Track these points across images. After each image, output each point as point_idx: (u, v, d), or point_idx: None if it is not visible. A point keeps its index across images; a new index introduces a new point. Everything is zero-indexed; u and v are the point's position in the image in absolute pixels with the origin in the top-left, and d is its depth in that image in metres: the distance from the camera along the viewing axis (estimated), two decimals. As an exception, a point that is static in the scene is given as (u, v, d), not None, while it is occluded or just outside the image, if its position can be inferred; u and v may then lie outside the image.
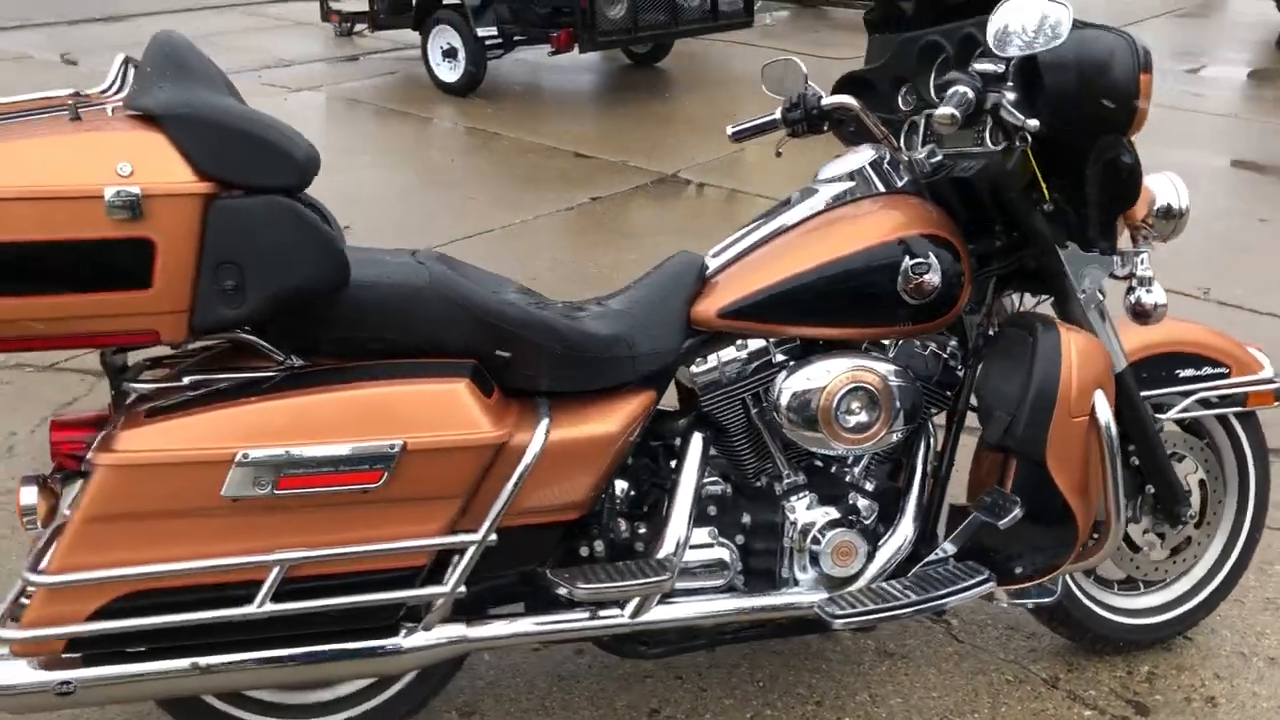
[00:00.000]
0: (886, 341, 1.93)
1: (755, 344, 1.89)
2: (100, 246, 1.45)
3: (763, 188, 5.13)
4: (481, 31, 6.64)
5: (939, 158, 1.97)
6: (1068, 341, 1.80)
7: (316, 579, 1.61)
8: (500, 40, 6.74)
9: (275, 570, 1.57)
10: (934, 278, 1.83)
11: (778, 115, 2.23)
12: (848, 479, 1.95)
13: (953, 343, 1.98)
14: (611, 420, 1.78)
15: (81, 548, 1.53)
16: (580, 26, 6.39)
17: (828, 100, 2.16)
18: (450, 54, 6.87)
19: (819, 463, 1.96)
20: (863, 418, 1.83)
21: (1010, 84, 1.74)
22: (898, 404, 1.84)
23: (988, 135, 1.85)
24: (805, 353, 1.90)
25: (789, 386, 1.83)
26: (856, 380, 1.82)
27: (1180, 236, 1.97)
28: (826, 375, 1.82)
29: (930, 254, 1.83)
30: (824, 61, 8.76)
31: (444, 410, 1.60)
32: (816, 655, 2.21)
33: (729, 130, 2.33)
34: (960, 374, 1.97)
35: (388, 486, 1.58)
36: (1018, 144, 1.71)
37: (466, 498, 1.65)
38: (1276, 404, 2.14)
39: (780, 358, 1.90)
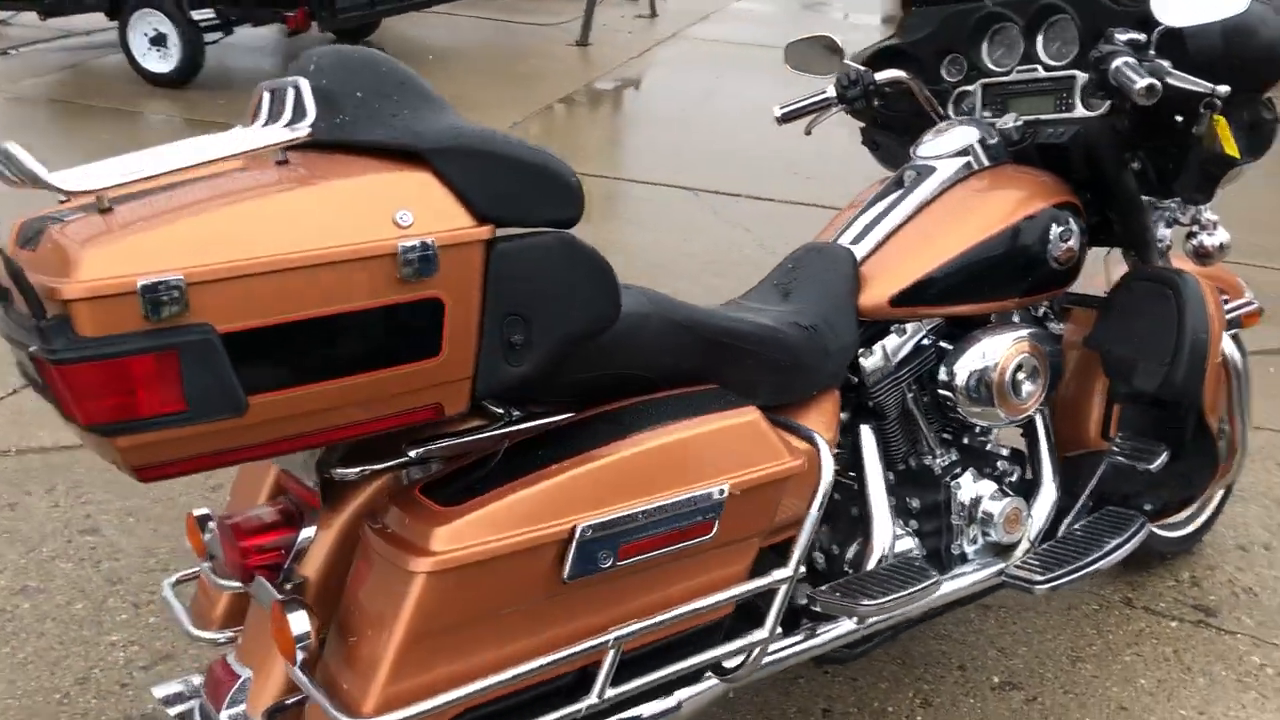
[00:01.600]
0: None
1: (912, 328, 1.88)
2: (391, 313, 1.20)
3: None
4: (195, 14, 5.99)
5: (1019, 123, 2.02)
6: (1205, 290, 1.93)
7: (643, 650, 1.44)
8: (218, 22, 6.11)
9: (612, 651, 1.39)
10: (1075, 243, 1.91)
11: (831, 93, 2.21)
12: (989, 448, 1.99)
13: (1044, 305, 2.08)
14: (827, 427, 1.71)
15: (404, 676, 1.28)
16: (317, 4, 5.92)
17: (882, 76, 2.17)
18: (158, 41, 6.14)
19: (964, 438, 1.99)
20: (1029, 386, 1.87)
21: (1153, 51, 1.82)
22: (1050, 368, 1.91)
23: (1078, 100, 1.95)
24: (951, 330, 1.92)
25: (964, 366, 1.84)
26: (1022, 351, 1.86)
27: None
28: (998, 350, 1.85)
29: (1070, 220, 1.90)
30: (521, 27, 8.72)
31: (751, 444, 1.47)
32: (929, 625, 2.25)
33: (777, 111, 2.29)
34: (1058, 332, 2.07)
35: (716, 535, 1.44)
36: (1203, 110, 1.79)
37: (765, 534, 1.53)
38: (1258, 322, 2.42)
39: (930, 339, 1.90)
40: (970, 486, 1.93)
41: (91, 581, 2.35)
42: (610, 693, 1.39)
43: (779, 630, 1.58)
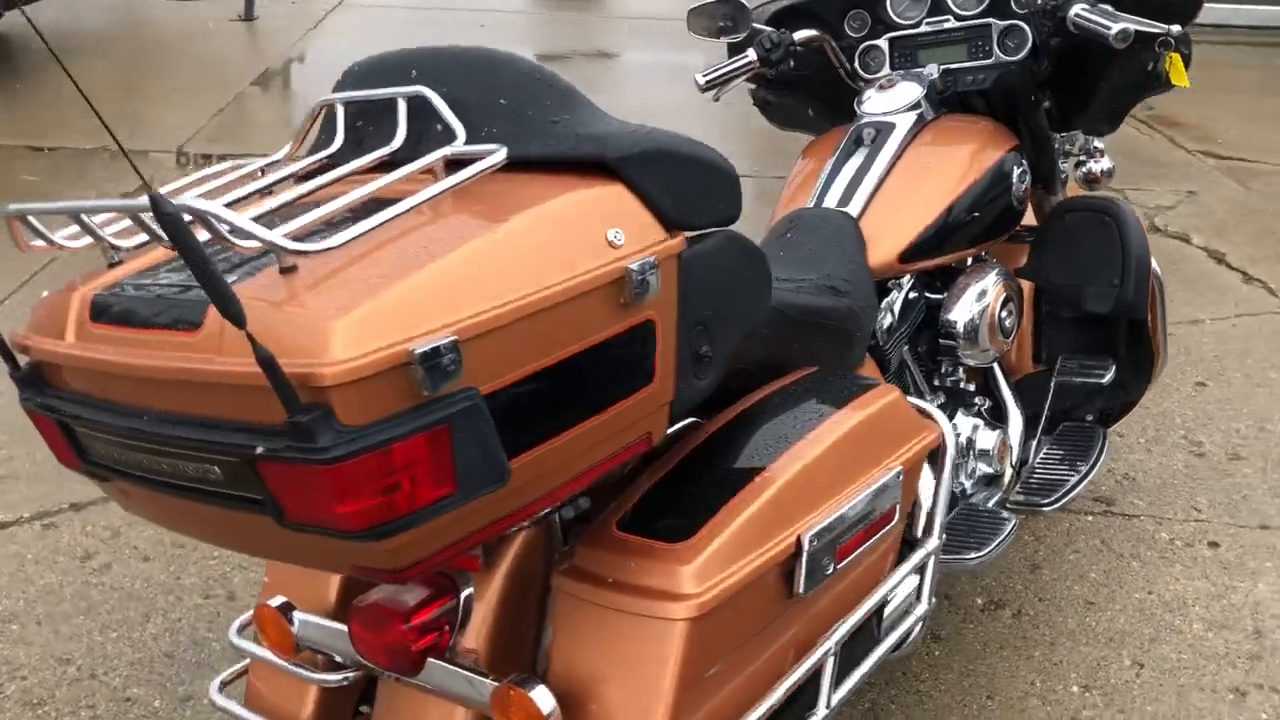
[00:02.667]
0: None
1: (906, 282, 1.93)
2: (618, 343, 1.11)
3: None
4: None
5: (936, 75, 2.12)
6: (1136, 212, 2.11)
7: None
8: None
9: (833, 658, 1.34)
10: (1028, 182, 2.03)
11: (753, 56, 2.20)
12: (963, 386, 2.10)
13: None
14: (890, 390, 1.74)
15: None
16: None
17: (800, 36, 2.19)
18: None
19: (947, 381, 2.07)
20: (1010, 321, 1.99)
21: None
22: (1022, 302, 2.04)
23: (996, 46, 2.07)
24: (928, 281, 1.99)
25: (963, 311, 1.93)
26: (1003, 290, 1.97)
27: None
28: (988, 292, 1.94)
29: (1023, 161, 2.02)
30: (171, 3, 7.94)
31: (902, 422, 1.46)
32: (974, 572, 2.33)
33: (699, 80, 2.24)
34: None
35: (897, 519, 1.41)
36: (1159, 49, 1.93)
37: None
38: None
39: (916, 292, 1.97)
40: (964, 425, 2.02)
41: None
42: (836, 697, 1.34)
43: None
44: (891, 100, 2.06)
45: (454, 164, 1.08)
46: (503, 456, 1.00)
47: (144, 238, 1.06)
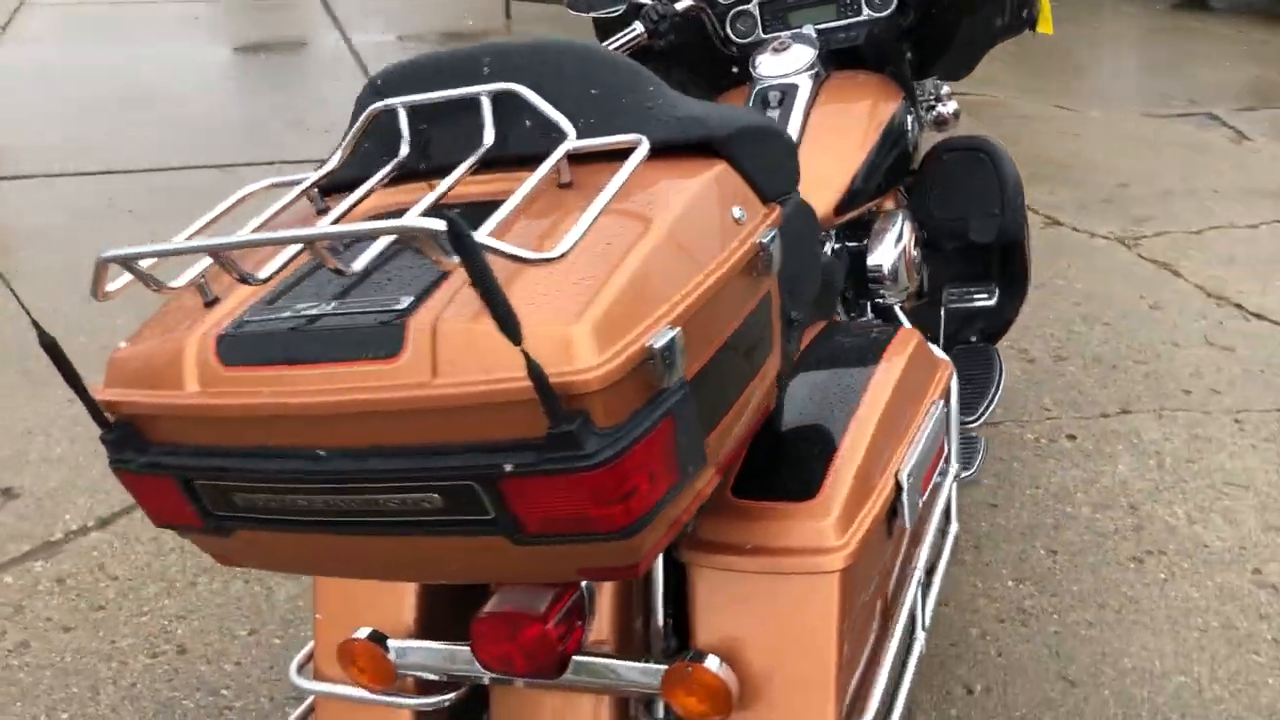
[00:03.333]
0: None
1: (833, 233, 2.06)
2: (756, 317, 1.16)
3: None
4: None
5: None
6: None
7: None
8: None
9: (922, 587, 1.44)
10: (920, 130, 2.21)
11: (641, 30, 2.26)
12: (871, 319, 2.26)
13: None
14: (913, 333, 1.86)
15: (843, 684, 1.24)
16: None
17: (681, 4, 2.27)
18: None
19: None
20: (918, 258, 2.17)
21: None
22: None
23: (865, 4, 2.23)
24: (842, 231, 2.14)
25: (886, 254, 2.07)
26: (912, 228, 2.14)
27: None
28: (903, 235, 2.10)
29: (912, 110, 2.19)
30: None
31: (926, 362, 1.57)
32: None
33: None
34: None
35: (946, 451, 1.53)
36: None
37: None
38: None
39: (837, 242, 2.11)
40: None
41: None
42: (929, 620, 1.45)
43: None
44: (788, 63, 2.16)
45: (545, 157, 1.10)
46: (703, 439, 1.03)
47: (190, 274, 1.02)
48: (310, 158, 4.86)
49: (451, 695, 1.37)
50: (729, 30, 2.31)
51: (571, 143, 1.09)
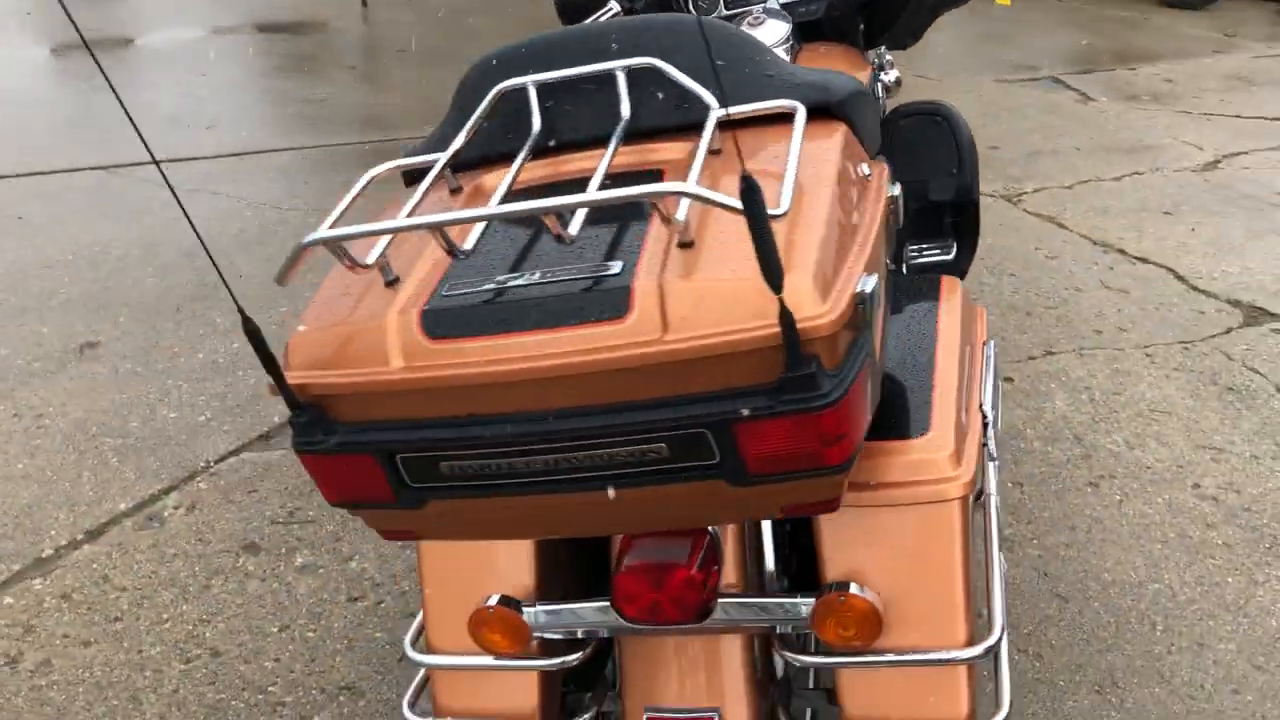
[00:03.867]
0: None
1: None
2: (887, 272, 1.28)
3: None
4: None
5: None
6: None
7: None
8: None
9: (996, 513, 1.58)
10: (886, 97, 2.36)
11: (617, 8, 2.33)
12: None
13: None
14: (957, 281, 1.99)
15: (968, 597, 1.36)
16: None
17: None
18: None
19: None
20: (899, 219, 2.32)
21: None
22: None
23: None
24: None
25: None
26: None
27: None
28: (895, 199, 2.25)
29: (879, 79, 2.33)
30: None
31: (969, 306, 1.71)
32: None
33: None
34: None
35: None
36: None
37: None
38: None
39: None
40: None
41: None
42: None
43: None
44: (764, 37, 2.26)
45: (684, 128, 1.18)
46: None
47: (375, 254, 1.06)
48: (196, 154, 4.71)
49: (579, 654, 1.43)
50: (691, 8, 2.39)
51: (720, 111, 1.16)
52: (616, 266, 1.03)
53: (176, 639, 2.08)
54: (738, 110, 1.18)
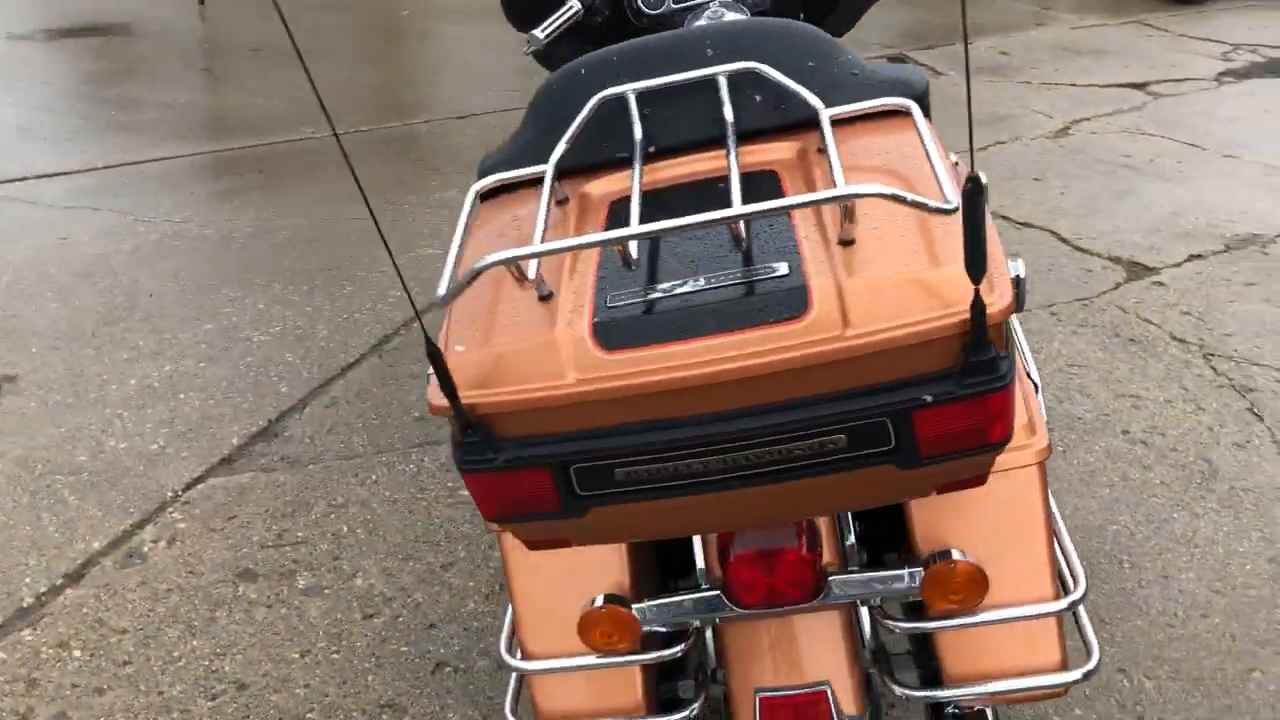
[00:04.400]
0: None
1: None
2: None
3: None
4: None
5: None
6: None
7: None
8: None
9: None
10: None
11: (578, 6, 2.36)
12: None
13: None
14: None
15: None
16: None
17: None
18: None
19: None
20: None
21: None
22: None
23: None
24: None
25: None
26: None
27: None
28: None
29: None
30: None
31: None
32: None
33: (539, 33, 2.32)
34: None
35: None
36: None
37: None
38: None
39: None
40: None
41: None
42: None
43: None
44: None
45: (782, 129, 1.26)
46: None
47: (531, 272, 1.10)
48: (64, 168, 4.46)
49: (682, 645, 1.48)
50: (640, 2, 2.44)
51: (830, 112, 1.23)
52: (783, 267, 1.08)
53: (195, 676, 2.02)
54: (846, 110, 1.25)
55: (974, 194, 0.94)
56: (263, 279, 3.48)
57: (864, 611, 1.57)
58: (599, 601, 1.43)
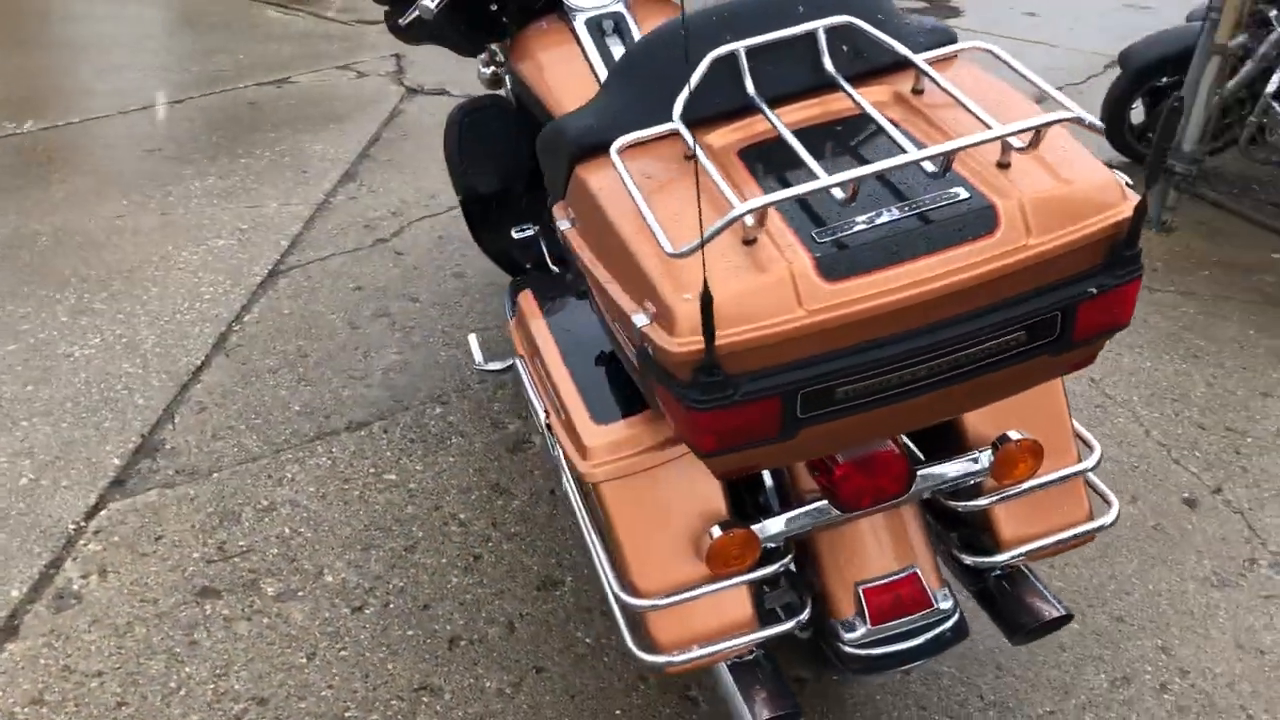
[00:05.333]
0: None
1: None
2: None
3: None
4: None
5: None
6: None
7: None
8: None
9: None
10: None
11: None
12: None
13: None
14: None
15: None
16: None
17: None
18: None
19: None
20: None
21: None
22: None
23: None
24: None
25: None
26: None
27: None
28: None
29: None
30: None
31: None
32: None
33: (402, 22, 2.29)
34: None
35: None
36: None
37: None
38: None
39: None
40: None
41: None
42: None
43: None
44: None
45: (868, 74, 1.43)
46: None
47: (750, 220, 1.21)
48: None
49: (788, 558, 1.62)
50: None
51: (923, 56, 1.41)
52: (960, 191, 1.25)
53: (206, 701, 1.90)
54: (937, 54, 1.43)
55: (1171, 115, 1.16)
56: (49, 290, 3.15)
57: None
58: (717, 532, 1.54)
